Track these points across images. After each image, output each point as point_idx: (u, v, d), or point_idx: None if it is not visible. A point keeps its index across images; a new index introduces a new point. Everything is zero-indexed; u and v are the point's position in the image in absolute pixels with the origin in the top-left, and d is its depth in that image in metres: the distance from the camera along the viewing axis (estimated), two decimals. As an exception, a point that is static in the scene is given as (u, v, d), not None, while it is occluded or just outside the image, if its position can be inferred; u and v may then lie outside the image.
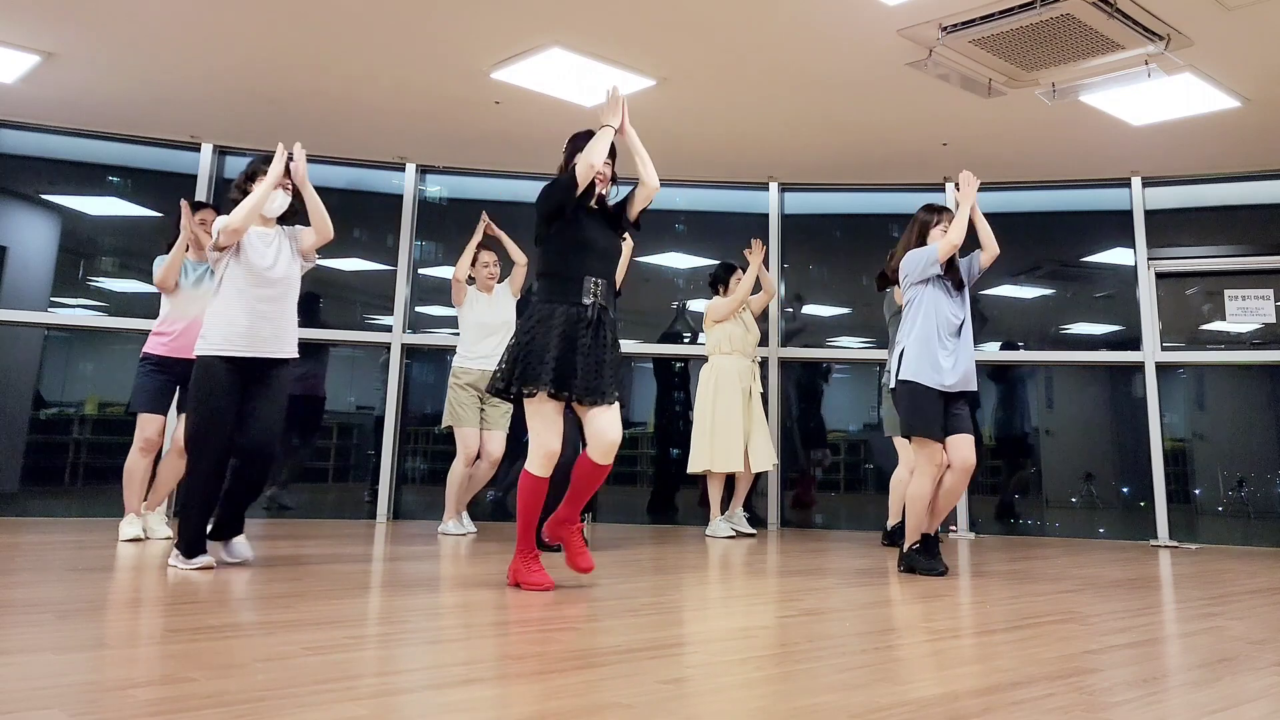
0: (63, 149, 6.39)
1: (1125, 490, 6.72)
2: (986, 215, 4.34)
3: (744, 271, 6.05)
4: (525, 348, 3.30)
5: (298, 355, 3.87)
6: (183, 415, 4.45)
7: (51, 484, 6.33)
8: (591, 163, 3.39)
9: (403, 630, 2.57)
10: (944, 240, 4.17)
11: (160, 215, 6.71)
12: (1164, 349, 6.48)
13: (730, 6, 4.34)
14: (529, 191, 7.07)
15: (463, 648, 2.33)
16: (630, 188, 3.61)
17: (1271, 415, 6.47)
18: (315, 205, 3.89)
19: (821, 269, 7.33)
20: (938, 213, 4.40)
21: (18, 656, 2.08)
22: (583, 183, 3.39)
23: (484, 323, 5.63)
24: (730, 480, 5.98)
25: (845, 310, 7.43)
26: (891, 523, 5.46)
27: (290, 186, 3.91)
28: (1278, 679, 2.18)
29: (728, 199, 7.16)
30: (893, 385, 4.26)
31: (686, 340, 7.08)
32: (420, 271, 6.91)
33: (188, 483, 3.73)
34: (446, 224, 7.11)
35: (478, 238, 5.72)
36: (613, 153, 3.53)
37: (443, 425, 5.55)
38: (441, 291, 7.15)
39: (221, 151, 6.59)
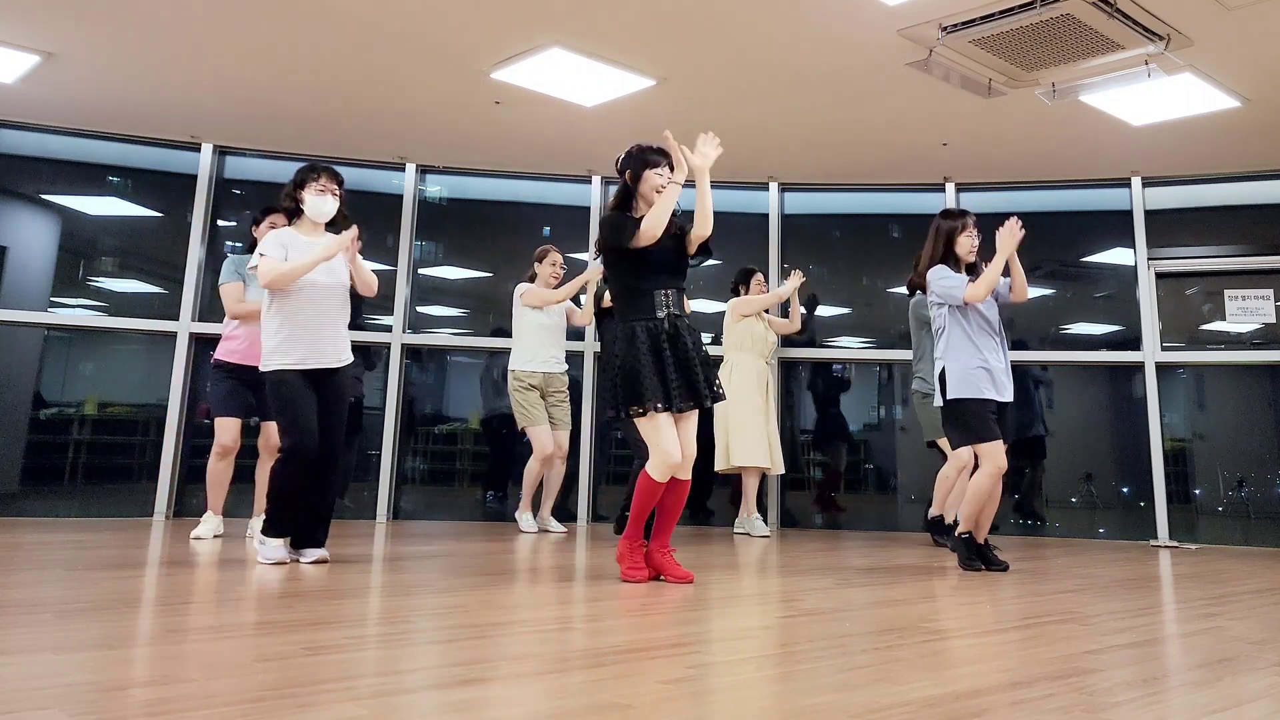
0: (63, 149, 6.39)
1: (1125, 490, 6.72)
2: (988, 214, 4.35)
3: (763, 276, 6.10)
4: (622, 371, 3.48)
5: (352, 359, 3.97)
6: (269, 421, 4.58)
7: (51, 484, 6.33)
8: (654, 233, 3.48)
9: (402, 630, 2.57)
10: (975, 287, 4.19)
11: (160, 215, 6.72)
12: (1164, 349, 6.48)
13: (730, 6, 4.34)
14: (529, 191, 7.09)
15: (462, 648, 2.33)
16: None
17: (1271, 415, 6.47)
18: (362, 276, 3.97)
19: (821, 269, 7.33)
20: (959, 217, 4.38)
21: (18, 656, 2.08)
22: (644, 243, 3.49)
23: (544, 325, 5.68)
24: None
25: (845, 310, 7.43)
26: (933, 513, 5.39)
27: (339, 194, 3.95)
28: (1278, 679, 2.18)
29: (728, 199, 7.15)
30: (939, 402, 4.31)
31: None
32: (420, 271, 6.92)
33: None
34: (446, 224, 7.11)
35: (587, 279, 5.74)
36: (670, 162, 3.59)
37: (518, 427, 5.69)
38: (442, 291, 7.16)
39: (221, 151, 6.59)
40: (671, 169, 3.58)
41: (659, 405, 3.43)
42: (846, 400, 7.26)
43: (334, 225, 3.96)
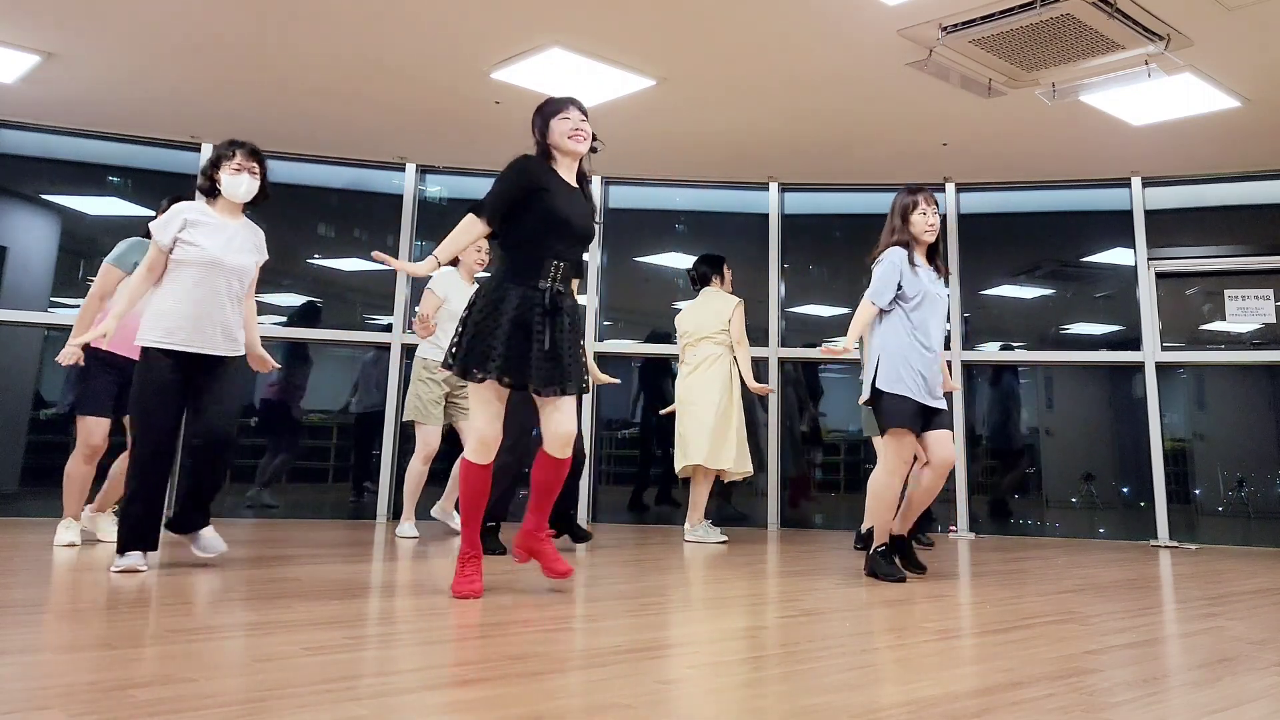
0: (63, 149, 6.39)
1: (1125, 490, 6.72)
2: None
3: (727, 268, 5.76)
4: (476, 328, 3.10)
5: (243, 353, 3.74)
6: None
7: (51, 484, 6.30)
8: (453, 246, 3.21)
9: (403, 630, 2.57)
10: (871, 304, 3.96)
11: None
12: (1164, 349, 6.48)
13: (730, 6, 4.34)
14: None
15: (463, 648, 2.33)
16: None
17: (1271, 415, 6.47)
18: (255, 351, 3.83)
19: (821, 269, 7.33)
20: (914, 193, 4.12)
21: (18, 656, 2.08)
22: (461, 238, 3.19)
23: (458, 313, 5.37)
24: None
25: (845, 310, 7.42)
26: (866, 525, 4.96)
27: (257, 173, 3.75)
28: (1278, 679, 2.18)
29: (728, 199, 7.16)
30: (865, 396, 4.03)
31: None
32: (420, 271, 6.90)
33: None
34: (446, 224, 7.06)
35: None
36: (586, 114, 3.33)
37: (404, 418, 5.34)
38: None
39: (221, 151, 6.58)
40: (584, 114, 3.32)
41: (497, 378, 3.07)
42: (835, 399, 7.26)
43: (255, 206, 3.81)
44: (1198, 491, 6.48)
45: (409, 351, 6.74)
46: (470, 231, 3.19)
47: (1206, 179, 6.54)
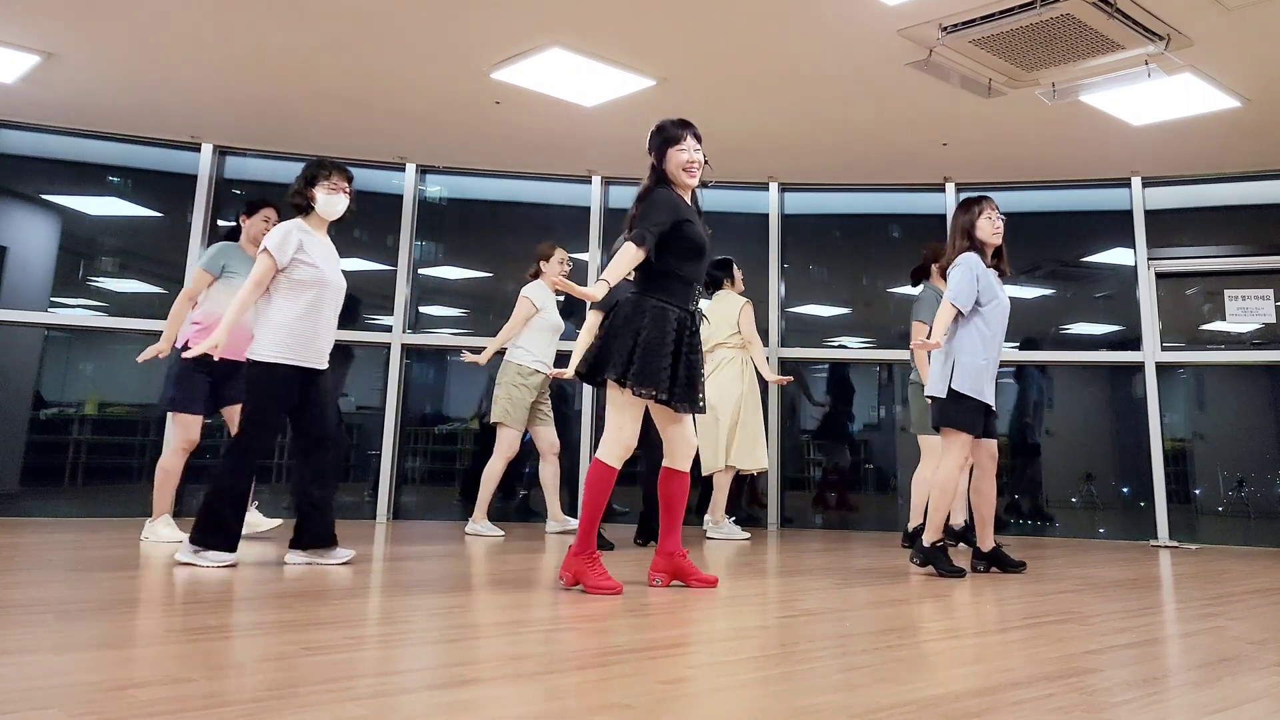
0: (63, 149, 6.39)
1: (1125, 490, 6.72)
2: None
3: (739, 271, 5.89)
4: (646, 347, 3.25)
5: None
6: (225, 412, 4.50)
7: (51, 484, 6.33)
8: (618, 270, 3.27)
9: (403, 630, 2.57)
10: (950, 309, 4.07)
11: (160, 215, 6.72)
12: (1164, 349, 6.48)
13: (730, 6, 4.34)
14: (529, 191, 7.09)
15: (463, 648, 2.33)
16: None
17: (1271, 415, 6.47)
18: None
19: (821, 269, 7.34)
20: (975, 205, 4.22)
21: (18, 656, 2.08)
22: (621, 263, 3.27)
23: (557, 325, 5.56)
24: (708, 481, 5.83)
25: (845, 310, 7.43)
26: (913, 524, 5.18)
27: (349, 192, 3.89)
28: (1278, 679, 2.18)
29: (728, 199, 7.16)
30: (936, 393, 4.11)
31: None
32: (420, 271, 6.92)
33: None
34: (446, 224, 7.11)
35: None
36: (700, 137, 3.50)
37: (491, 419, 5.49)
38: (442, 291, 7.16)
39: (221, 151, 6.59)
40: (699, 140, 3.48)
41: (664, 398, 3.26)
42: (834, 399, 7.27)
43: (339, 221, 3.93)
44: (1198, 491, 6.48)
45: (409, 352, 6.74)
46: (634, 258, 3.29)
47: (1206, 179, 6.54)
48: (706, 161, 3.51)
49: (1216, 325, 6.58)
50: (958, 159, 6.38)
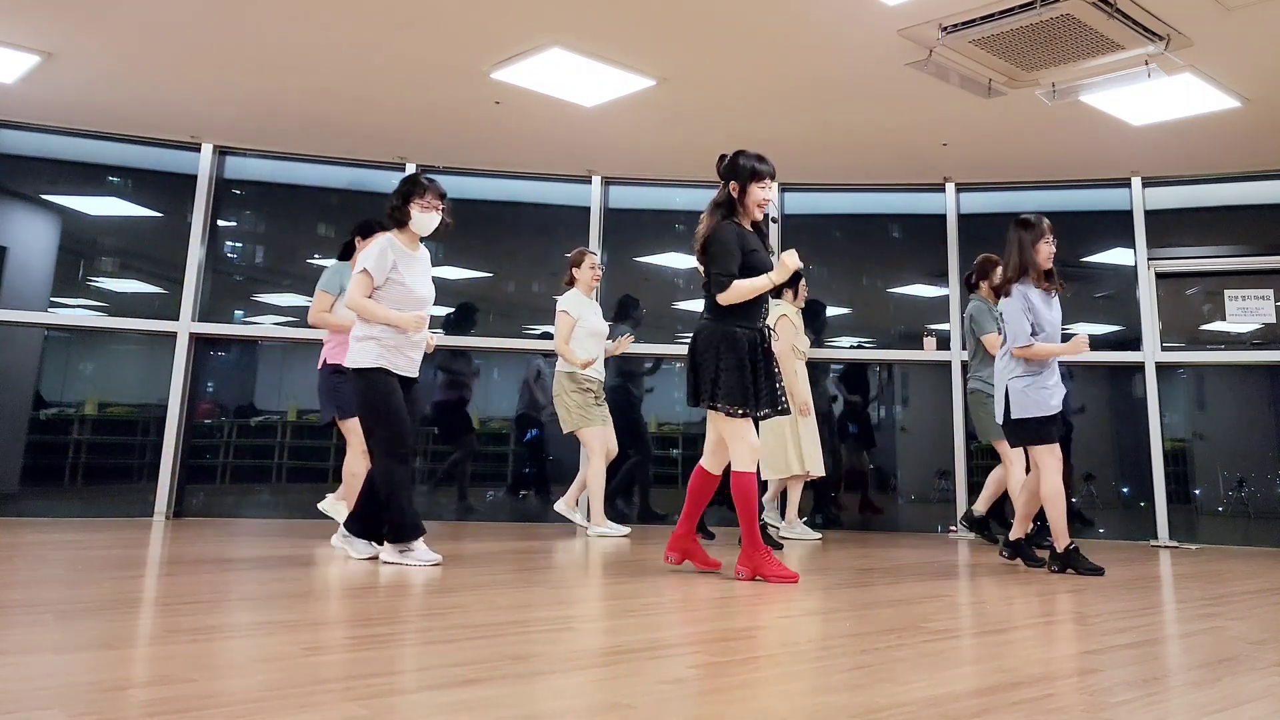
0: (63, 149, 6.39)
1: (1125, 490, 6.72)
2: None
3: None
4: (726, 371, 3.66)
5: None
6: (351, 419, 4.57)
7: (51, 484, 6.33)
8: (736, 299, 3.69)
9: (402, 630, 2.57)
10: (1033, 349, 4.32)
11: (160, 215, 6.72)
12: (1164, 349, 6.48)
13: (730, 6, 4.34)
14: (529, 192, 7.09)
15: (463, 648, 2.33)
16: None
17: (1271, 415, 6.47)
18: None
19: (821, 269, 7.33)
20: (1037, 226, 4.38)
21: (18, 656, 2.08)
22: (728, 299, 3.69)
23: (597, 332, 5.66)
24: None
25: (845, 310, 7.43)
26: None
27: (442, 207, 4.06)
28: (1278, 679, 2.18)
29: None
30: (1003, 421, 4.38)
31: None
32: (420, 271, 6.91)
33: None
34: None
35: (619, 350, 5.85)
36: (773, 174, 3.91)
37: (566, 430, 5.62)
38: (441, 291, 7.13)
39: (221, 151, 6.59)
40: (772, 179, 3.90)
41: (745, 411, 3.64)
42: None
43: (432, 235, 4.11)
44: (1198, 491, 6.48)
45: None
46: (750, 284, 3.72)
47: (1206, 179, 6.54)
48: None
49: (1216, 325, 6.58)
50: (958, 159, 6.38)
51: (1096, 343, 6.93)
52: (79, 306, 6.56)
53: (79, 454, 6.41)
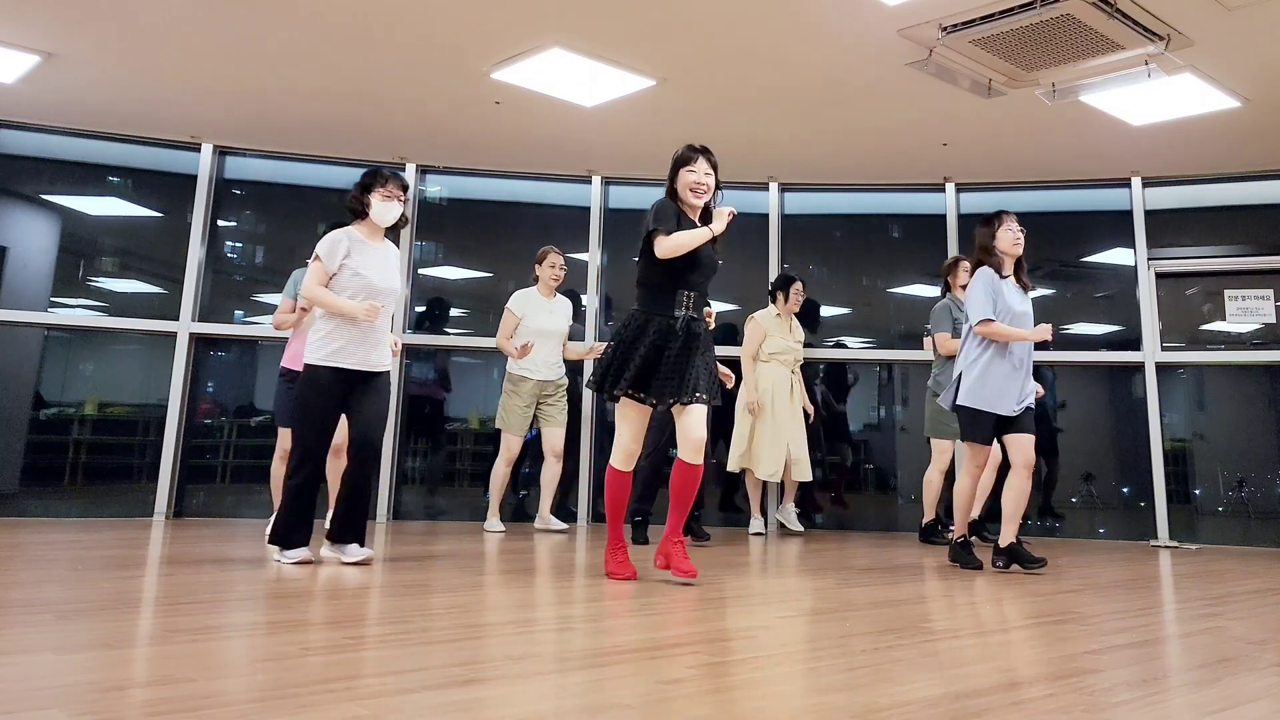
0: (63, 149, 6.39)
1: (1125, 490, 6.71)
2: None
3: (800, 285, 6.09)
4: (617, 354, 3.57)
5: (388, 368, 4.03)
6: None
7: (51, 484, 6.33)
8: (671, 252, 3.54)
9: (403, 630, 2.57)
10: (990, 327, 4.23)
11: (160, 215, 6.72)
12: (1164, 349, 6.48)
13: (730, 6, 4.34)
14: (529, 191, 7.09)
15: (463, 648, 2.33)
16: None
17: (1271, 415, 6.47)
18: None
19: (821, 269, 7.33)
20: (991, 221, 4.40)
21: (18, 656, 2.08)
22: (661, 254, 3.55)
23: (544, 331, 5.69)
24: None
25: (845, 310, 7.43)
26: (927, 519, 5.74)
27: (404, 199, 4.00)
28: (1278, 679, 2.18)
29: (728, 199, 7.12)
30: (951, 405, 4.37)
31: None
32: (420, 272, 6.91)
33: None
34: (446, 224, 7.11)
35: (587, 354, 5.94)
36: (714, 164, 3.72)
37: (495, 424, 5.73)
38: (441, 291, 7.16)
39: (221, 151, 6.59)
40: (713, 169, 3.70)
41: (629, 392, 3.53)
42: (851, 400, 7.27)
43: (393, 230, 4.05)
44: (1198, 491, 6.48)
45: (409, 352, 6.74)
46: (685, 236, 3.58)
47: (1206, 179, 6.54)
48: (719, 187, 3.75)
49: (1216, 325, 6.58)
50: (958, 159, 6.38)
51: (1096, 343, 6.96)
52: (79, 306, 6.56)
53: (79, 454, 6.41)
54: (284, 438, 4.60)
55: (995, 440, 4.34)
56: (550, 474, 5.73)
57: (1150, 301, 6.53)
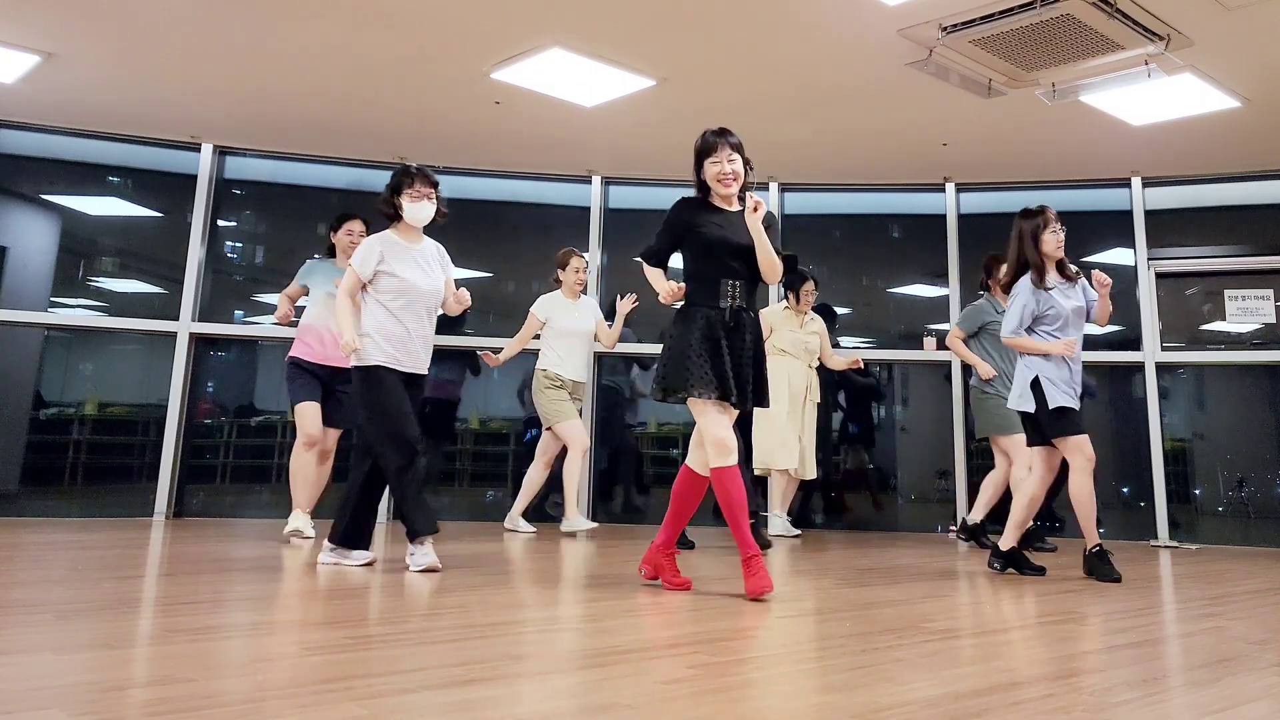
0: (63, 149, 6.39)
1: (1125, 490, 6.71)
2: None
3: (813, 285, 5.96)
4: (672, 355, 3.35)
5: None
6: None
7: (51, 484, 6.33)
8: (650, 278, 3.53)
9: (403, 630, 2.57)
10: (1016, 340, 4.18)
11: (160, 215, 6.72)
12: (1164, 349, 6.48)
13: (730, 6, 4.34)
14: (529, 191, 7.09)
15: (463, 648, 2.33)
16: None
17: (1271, 415, 6.47)
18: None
19: (821, 269, 7.33)
20: (1038, 215, 4.28)
21: (18, 656, 2.08)
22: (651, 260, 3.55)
23: (574, 332, 5.67)
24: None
25: (845, 310, 7.43)
26: (977, 519, 5.52)
27: (435, 196, 3.99)
28: (1278, 679, 2.18)
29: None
30: (1026, 408, 4.18)
31: None
32: (420, 271, 6.91)
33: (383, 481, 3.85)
34: (446, 224, 7.08)
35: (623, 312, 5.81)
36: (739, 148, 3.50)
37: (545, 425, 5.67)
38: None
39: (221, 151, 6.59)
40: (737, 151, 3.47)
41: (704, 393, 3.28)
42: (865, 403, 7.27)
43: (430, 226, 4.05)
44: (1198, 491, 6.48)
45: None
46: (651, 275, 3.55)
47: (1206, 179, 6.53)
48: (750, 166, 3.52)
49: (1216, 325, 6.58)
50: (958, 159, 6.38)
51: (1097, 342, 6.95)
52: (79, 306, 6.56)
53: (79, 454, 6.41)
54: (305, 418, 4.60)
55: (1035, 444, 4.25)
56: (574, 469, 5.60)
57: (1150, 301, 6.53)
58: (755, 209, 3.32)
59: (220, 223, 6.64)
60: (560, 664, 2.18)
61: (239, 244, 6.92)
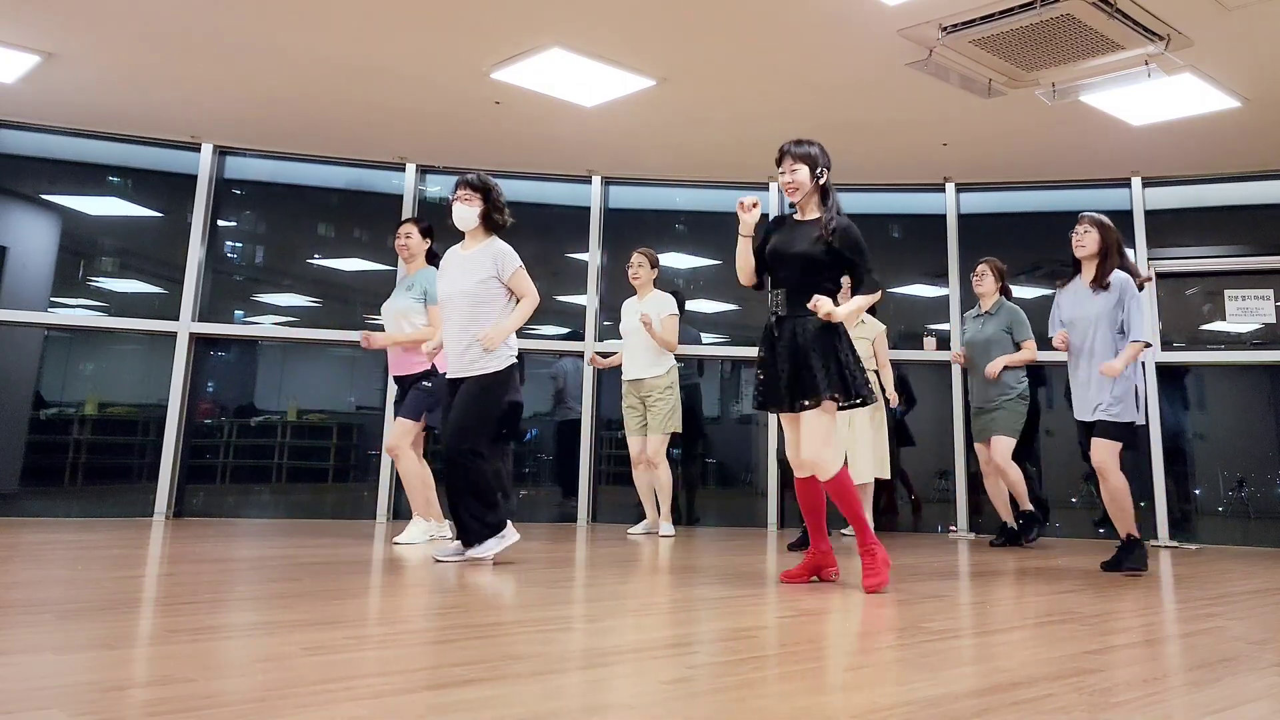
0: (63, 149, 6.39)
1: (1124, 490, 6.70)
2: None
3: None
4: (758, 365, 3.64)
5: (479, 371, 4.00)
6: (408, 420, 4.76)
7: (51, 484, 6.33)
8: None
9: (403, 630, 2.57)
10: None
11: (160, 215, 6.72)
12: (1164, 349, 6.48)
13: (730, 7, 4.34)
14: (529, 191, 7.08)
15: (462, 648, 2.32)
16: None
17: (1271, 415, 6.47)
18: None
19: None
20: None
21: (18, 656, 2.08)
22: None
23: (630, 330, 5.70)
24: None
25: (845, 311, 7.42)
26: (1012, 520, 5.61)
27: (472, 199, 4.09)
28: (1278, 679, 2.18)
29: (728, 199, 7.12)
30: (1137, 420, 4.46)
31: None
32: (420, 271, 6.91)
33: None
34: (446, 224, 7.09)
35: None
36: (802, 154, 3.68)
37: None
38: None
39: (221, 151, 6.59)
40: (802, 161, 3.70)
41: (755, 404, 3.59)
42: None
43: (501, 230, 4.20)
44: (1198, 491, 6.48)
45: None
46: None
47: (1206, 179, 6.53)
48: (818, 165, 3.70)
49: (1216, 325, 6.58)
50: (958, 159, 6.38)
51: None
52: (79, 306, 6.56)
53: (79, 454, 6.41)
54: (404, 433, 4.72)
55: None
56: (646, 481, 5.69)
57: (1150, 301, 6.52)
58: (815, 307, 3.45)
59: (220, 223, 6.64)
60: (560, 664, 2.18)
61: (239, 244, 6.92)
